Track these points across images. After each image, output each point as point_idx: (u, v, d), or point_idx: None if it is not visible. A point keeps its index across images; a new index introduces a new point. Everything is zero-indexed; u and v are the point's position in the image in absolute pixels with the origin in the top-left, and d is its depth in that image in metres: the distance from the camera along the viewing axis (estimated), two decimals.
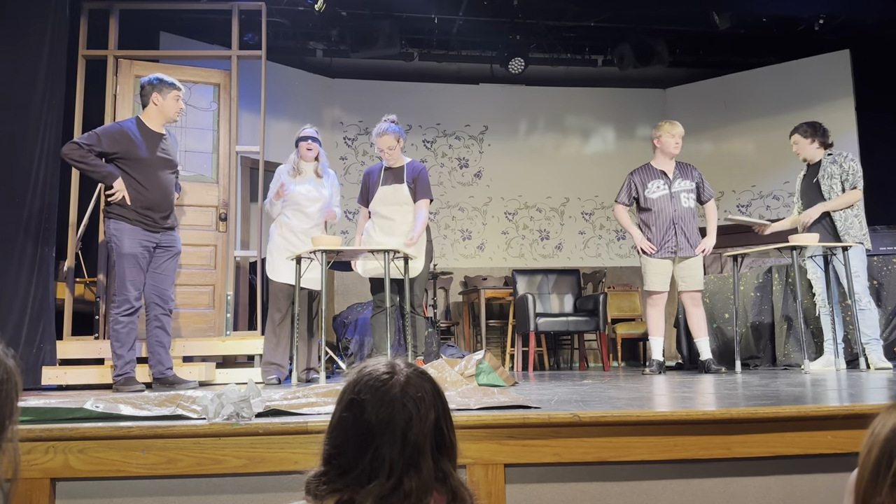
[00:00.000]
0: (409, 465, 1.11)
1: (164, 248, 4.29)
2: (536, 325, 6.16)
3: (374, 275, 4.61)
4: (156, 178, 4.23)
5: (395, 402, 1.13)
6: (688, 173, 5.04)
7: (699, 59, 8.06)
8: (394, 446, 1.11)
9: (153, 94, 4.30)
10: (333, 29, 7.26)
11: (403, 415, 1.12)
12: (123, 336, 4.13)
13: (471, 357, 3.61)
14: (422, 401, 1.14)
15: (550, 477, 2.05)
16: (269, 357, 4.69)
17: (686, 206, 4.96)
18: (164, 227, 4.27)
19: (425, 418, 1.13)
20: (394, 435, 1.11)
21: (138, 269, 4.15)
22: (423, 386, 1.17)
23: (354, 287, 7.46)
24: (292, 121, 6.92)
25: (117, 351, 4.14)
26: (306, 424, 2.02)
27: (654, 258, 4.97)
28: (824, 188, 4.82)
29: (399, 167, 4.70)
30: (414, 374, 1.18)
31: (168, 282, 4.31)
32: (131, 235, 4.13)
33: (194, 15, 6.33)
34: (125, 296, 4.12)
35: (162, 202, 4.25)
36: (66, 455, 2.01)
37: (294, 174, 4.77)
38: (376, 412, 1.13)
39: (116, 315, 4.13)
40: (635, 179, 5.11)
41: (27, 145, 4.65)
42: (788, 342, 5.34)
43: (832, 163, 4.86)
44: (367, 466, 1.11)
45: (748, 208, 8.08)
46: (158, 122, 4.34)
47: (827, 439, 2.07)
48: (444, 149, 8.35)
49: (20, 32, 4.74)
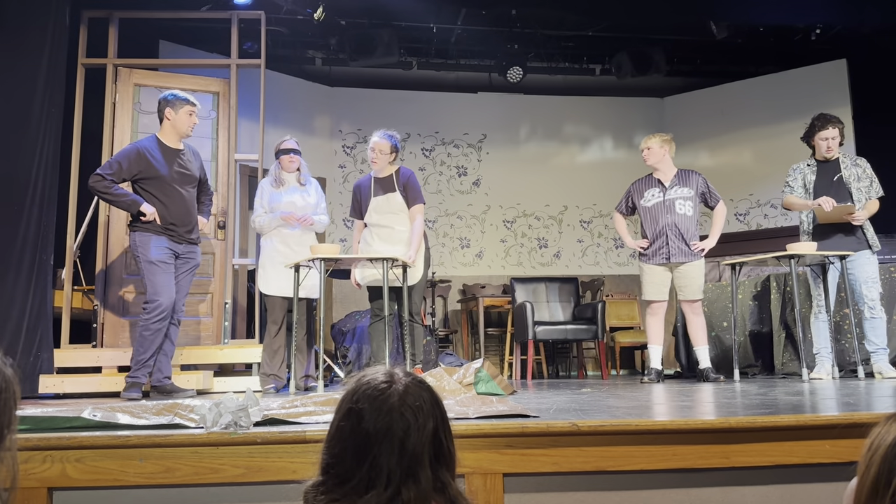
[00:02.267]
0: (407, 474, 1.10)
1: (184, 260, 4.33)
2: (535, 334, 6.16)
3: (371, 283, 4.61)
4: (176, 193, 4.28)
5: (393, 411, 1.13)
6: (687, 181, 5.04)
7: (696, 68, 8.09)
8: (392, 456, 1.11)
9: (166, 109, 4.34)
10: (332, 37, 7.28)
11: (401, 424, 1.12)
12: (149, 342, 4.14)
13: (469, 365, 3.60)
14: (420, 410, 1.14)
15: (549, 486, 2.05)
16: (266, 369, 4.69)
17: (682, 213, 4.95)
18: (187, 239, 4.32)
19: (423, 428, 1.13)
20: (392, 444, 1.11)
21: (168, 275, 4.20)
22: (422, 395, 1.16)
23: (353, 295, 7.46)
24: (291, 129, 6.92)
25: (139, 357, 4.15)
26: (304, 434, 2.02)
27: (650, 265, 4.98)
28: (854, 190, 4.69)
29: (388, 176, 4.71)
30: (412, 383, 1.18)
31: (183, 293, 4.36)
32: (157, 243, 4.19)
33: (194, 24, 6.35)
34: (157, 301, 4.13)
35: (184, 216, 4.30)
36: (64, 464, 2.00)
37: (276, 185, 4.80)
38: (374, 421, 1.13)
39: (147, 322, 4.13)
40: (633, 189, 5.16)
41: (26, 153, 4.65)
42: (787, 351, 5.34)
43: (854, 165, 4.76)
44: (365, 476, 1.11)
45: (746, 217, 8.10)
46: (174, 138, 4.38)
47: (825, 448, 2.07)
48: (442, 157, 8.36)
49: (19, 40, 4.75)
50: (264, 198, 4.81)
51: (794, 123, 7.85)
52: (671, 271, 4.98)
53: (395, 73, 7.96)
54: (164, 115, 4.37)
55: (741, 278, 5.75)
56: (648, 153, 5.05)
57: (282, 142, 4.91)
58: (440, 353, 6.53)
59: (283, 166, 4.82)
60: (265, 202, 4.79)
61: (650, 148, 5.05)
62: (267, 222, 4.74)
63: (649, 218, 5.01)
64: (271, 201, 4.76)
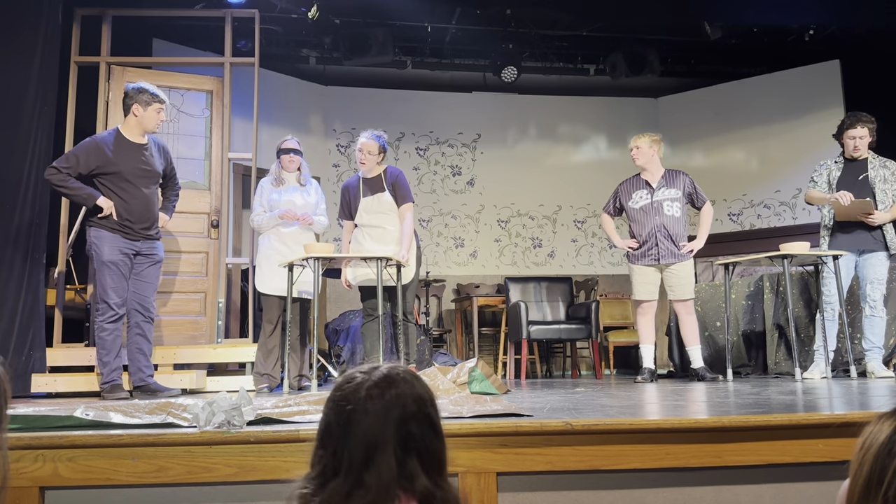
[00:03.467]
0: (368, 460, 1.10)
1: (145, 256, 4.26)
2: (529, 333, 6.16)
3: (363, 282, 4.60)
4: (135, 189, 4.19)
5: (359, 399, 1.14)
6: (674, 182, 5.04)
7: (691, 68, 8.11)
8: (353, 442, 1.11)
9: (133, 105, 4.23)
10: (327, 36, 7.27)
11: (363, 411, 1.12)
12: (108, 343, 4.10)
13: (463, 365, 3.61)
14: (380, 397, 1.13)
15: (543, 485, 2.05)
16: (260, 368, 4.67)
17: (670, 214, 4.96)
18: (144, 235, 4.24)
19: (384, 415, 1.12)
20: (354, 431, 1.12)
21: (119, 276, 4.12)
22: (391, 384, 1.16)
23: (347, 294, 7.45)
24: (285, 128, 6.92)
25: (103, 358, 4.12)
26: (298, 432, 2.01)
27: (638, 265, 5.00)
28: (879, 192, 4.65)
29: (376, 176, 4.70)
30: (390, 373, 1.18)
31: (150, 289, 4.28)
32: (111, 243, 4.11)
33: (187, 22, 6.33)
34: (107, 303, 4.10)
35: (143, 213, 4.21)
36: (56, 463, 1.99)
37: (276, 184, 4.79)
38: (339, 409, 1.14)
39: (101, 322, 4.11)
40: (621, 190, 5.16)
41: (18, 152, 4.63)
42: (779, 350, 5.36)
43: (883, 166, 4.71)
44: (330, 462, 1.12)
45: (739, 217, 8.12)
46: (138, 133, 4.28)
47: (818, 448, 2.08)
48: (436, 156, 8.36)
49: (11, 39, 4.72)
50: (263, 196, 4.79)
51: (787, 124, 7.91)
52: (661, 272, 4.99)
53: (390, 72, 7.96)
54: (130, 109, 4.23)
55: (734, 278, 5.76)
56: (637, 153, 5.06)
57: (283, 141, 4.89)
58: (434, 353, 6.52)
59: (284, 166, 4.81)
60: (264, 201, 4.77)
61: (639, 147, 5.05)
62: (265, 221, 4.73)
63: (638, 220, 5.03)
64: (270, 200, 4.75)
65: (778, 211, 7.89)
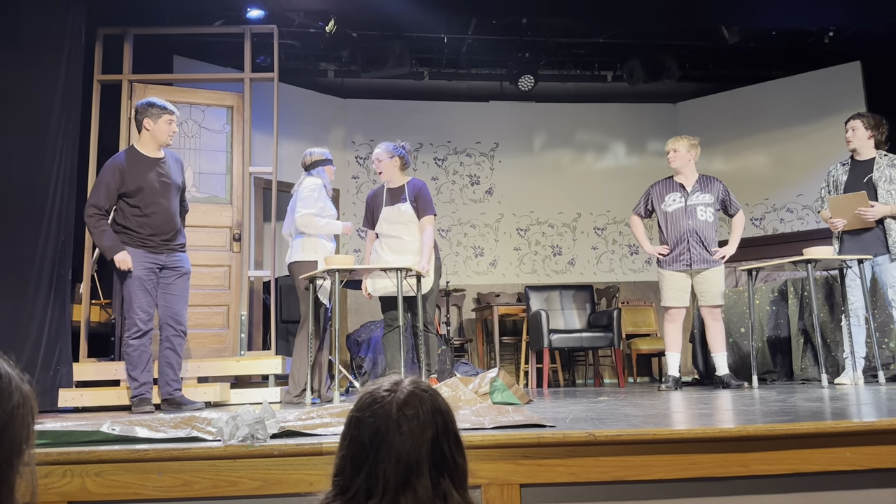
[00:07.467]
0: (404, 483, 1.10)
1: (171, 269, 4.24)
2: (550, 342, 6.14)
3: (384, 293, 4.61)
4: (156, 203, 4.19)
5: (390, 419, 1.13)
6: (709, 187, 4.99)
7: (709, 73, 8.07)
8: (388, 464, 1.10)
9: (144, 119, 4.25)
10: (344, 50, 7.33)
11: (397, 432, 1.12)
12: (135, 359, 4.12)
13: (485, 375, 3.60)
14: (415, 418, 1.13)
15: (567, 497, 2.04)
16: (304, 379, 4.49)
17: (703, 219, 4.90)
18: (168, 248, 4.24)
19: (420, 436, 1.12)
20: (388, 453, 1.11)
21: (144, 292, 4.13)
22: (421, 403, 1.15)
23: (367, 305, 7.46)
24: (305, 141, 6.97)
25: (130, 374, 4.15)
26: (321, 445, 2.02)
27: (669, 271, 4.95)
28: (881, 190, 4.59)
29: (399, 187, 4.71)
30: (416, 390, 1.17)
31: (181, 302, 4.26)
32: (135, 258, 4.10)
33: (207, 38, 6.42)
34: (133, 319, 4.11)
35: (164, 225, 4.21)
36: (83, 478, 2.02)
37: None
38: (370, 429, 1.13)
39: (127, 339, 4.14)
40: (653, 192, 5.11)
41: (44, 169, 4.71)
42: (805, 356, 5.29)
43: (890, 166, 4.65)
44: (363, 485, 1.11)
45: (762, 221, 8.05)
46: (153, 147, 4.28)
47: (846, 456, 2.05)
48: (455, 166, 8.38)
49: (36, 58, 4.82)
50: (321, 200, 4.70)
51: (808, 127, 7.83)
52: (691, 277, 4.94)
53: (407, 83, 8.00)
54: (142, 124, 4.26)
55: (758, 283, 5.70)
56: (675, 155, 5.00)
57: (324, 152, 4.89)
58: (455, 363, 6.52)
59: (329, 176, 4.85)
60: (324, 204, 4.71)
61: (677, 150, 4.99)
62: (325, 224, 4.67)
63: (669, 223, 4.97)
64: (327, 206, 4.73)
65: (801, 215, 7.80)
